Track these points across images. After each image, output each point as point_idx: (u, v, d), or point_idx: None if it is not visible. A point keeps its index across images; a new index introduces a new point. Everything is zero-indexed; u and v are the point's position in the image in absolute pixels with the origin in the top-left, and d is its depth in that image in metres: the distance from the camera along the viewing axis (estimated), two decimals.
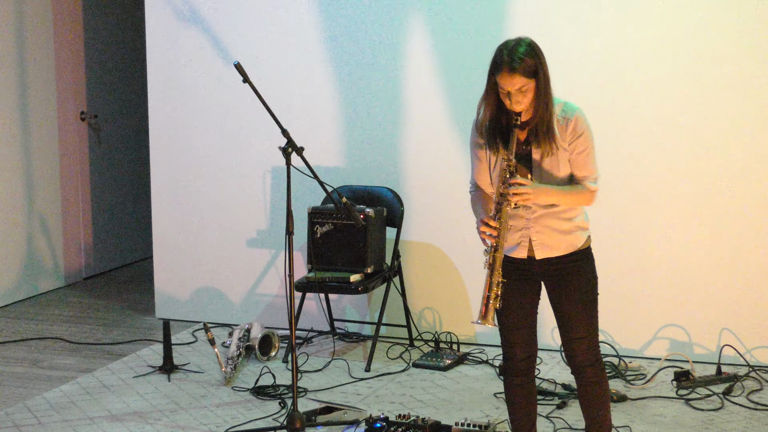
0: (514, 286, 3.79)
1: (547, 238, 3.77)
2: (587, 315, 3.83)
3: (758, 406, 4.97)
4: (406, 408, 5.00)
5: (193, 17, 6.29)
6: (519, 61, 3.57)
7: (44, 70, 7.20)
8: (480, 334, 5.91)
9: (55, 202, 7.39)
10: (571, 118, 3.71)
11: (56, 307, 6.97)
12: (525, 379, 3.94)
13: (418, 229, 6.02)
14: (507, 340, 3.91)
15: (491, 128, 3.72)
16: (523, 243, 3.79)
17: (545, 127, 3.67)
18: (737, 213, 5.50)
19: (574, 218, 3.80)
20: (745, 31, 5.39)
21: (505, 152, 3.68)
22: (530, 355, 3.92)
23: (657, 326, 5.68)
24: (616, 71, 5.59)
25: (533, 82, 3.60)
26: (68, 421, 4.88)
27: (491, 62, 3.65)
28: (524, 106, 3.63)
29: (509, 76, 3.58)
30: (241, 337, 5.61)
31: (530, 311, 3.89)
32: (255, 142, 6.25)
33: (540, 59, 3.62)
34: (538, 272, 3.83)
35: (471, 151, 3.86)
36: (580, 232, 3.81)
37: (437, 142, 5.93)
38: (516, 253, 3.80)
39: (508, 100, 3.63)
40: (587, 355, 3.85)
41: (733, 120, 5.46)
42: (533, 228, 3.77)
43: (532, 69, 3.59)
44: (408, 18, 5.90)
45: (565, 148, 3.71)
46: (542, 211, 3.76)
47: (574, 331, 3.83)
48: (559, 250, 3.79)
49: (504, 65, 3.59)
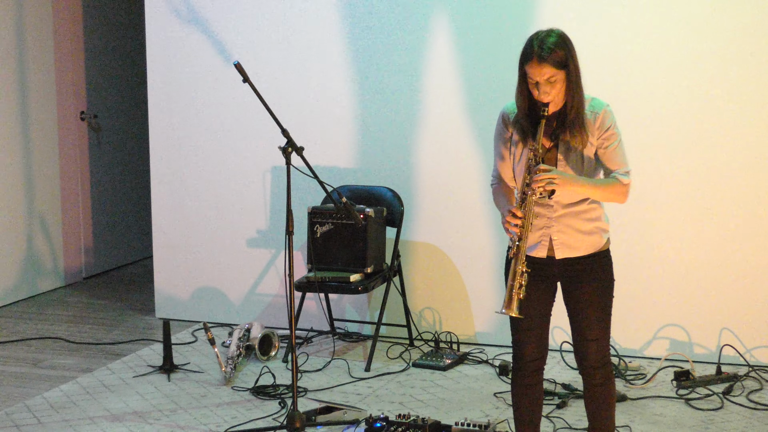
0: (531, 286, 3.73)
1: (568, 237, 3.75)
2: (602, 317, 3.80)
3: (758, 405, 4.97)
4: (406, 408, 5.00)
5: (193, 17, 6.29)
6: (548, 51, 3.56)
7: (44, 70, 7.20)
8: (480, 334, 5.91)
9: (55, 201, 7.39)
10: (599, 113, 3.70)
11: (56, 306, 6.97)
12: (534, 379, 3.92)
13: (418, 229, 6.02)
14: (519, 340, 3.88)
15: (523, 118, 3.71)
16: (543, 242, 3.76)
17: (576, 118, 3.65)
18: (737, 213, 5.50)
19: (595, 219, 3.77)
20: (748, 30, 5.39)
21: (532, 143, 3.67)
22: (541, 356, 3.90)
23: (657, 326, 5.68)
24: (619, 70, 5.59)
25: (562, 73, 3.59)
26: (68, 421, 4.88)
27: (522, 52, 3.63)
28: (552, 97, 3.61)
29: (538, 65, 3.57)
30: (241, 336, 5.61)
31: (545, 312, 3.86)
32: (255, 142, 6.25)
33: (570, 50, 3.61)
34: (557, 273, 3.80)
35: (495, 143, 3.83)
36: (601, 233, 3.79)
37: (437, 141, 5.93)
38: (536, 252, 3.77)
39: (536, 90, 3.61)
40: (598, 356, 3.83)
41: (734, 120, 5.46)
42: (554, 227, 3.74)
43: (561, 60, 3.58)
44: (417, 17, 5.90)
45: (593, 143, 3.69)
46: (564, 210, 3.73)
47: (588, 332, 3.80)
48: (580, 250, 3.76)
49: (533, 55, 3.58)
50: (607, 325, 3.83)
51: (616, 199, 3.76)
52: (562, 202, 3.73)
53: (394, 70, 5.97)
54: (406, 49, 5.93)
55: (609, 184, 3.72)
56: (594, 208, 3.77)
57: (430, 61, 5.90)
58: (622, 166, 3.75)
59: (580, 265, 3.77)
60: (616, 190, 3.73)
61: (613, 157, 3.73)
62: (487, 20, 5.75)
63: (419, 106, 5.95)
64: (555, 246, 3.75)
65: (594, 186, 3.70)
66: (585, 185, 3.68)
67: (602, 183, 3.73)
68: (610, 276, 3.84)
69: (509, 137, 3.77)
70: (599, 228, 3.79)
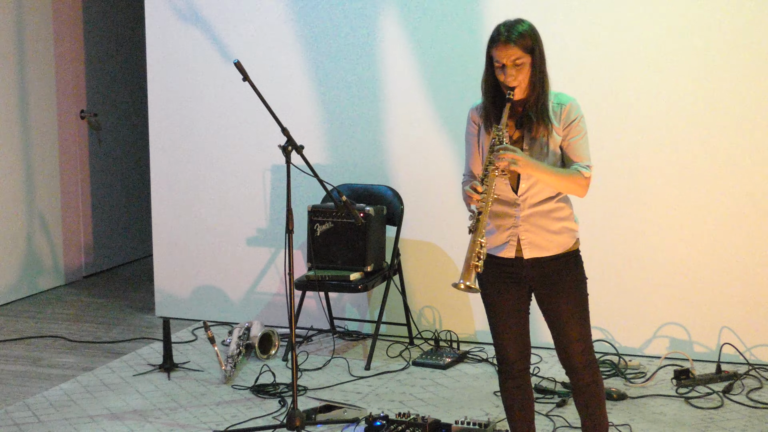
0: (503, 288, 3.76)
1: (536, 237, 3.74)
2: (580, 316, 3.79)
3: (758, 404, 4.97)
4: (405, 406, 5.00)
5: (193, 16, 6.29)
6: (517, 34, 3.59)
7: (44, 68, 7.20)
8: (480, 333, 5.91)
9: (55, 200, 7.39)
10: (565, 105, 3.71)
11: (56, 305, 6.97)
12: (520, 381, 3.92)
13: (418, 228, 6.02)
14: (499, 343, 3.88)
15: (489, 105, 3.71)
16: (511, 242, 3.75)
17: (540, 106, 3.66)
18: (737, 212, 5.50)
19: (564, 218, 3.77)
20: (749, 29, 5.39)
21: (496, 126, 3.65)
22: (523, 356, 3.89)
23: (657, 324, 5.68)
24: (613, 69, 5.59)
25: (529, 57, 3.61)
26: (68, 420, 4.88)
27: (489, 38, 3.66)
28: (518, 82, 3.62)
29: (504, 47, 3.59)
30: (241, 335, 5.61)
31: (521, 313, 3.86)
32: (255, 141, 6.25)
33: (537, 39, 3.64)
34: (527, 275, 3.79)
35: (466, 137, 3.85)
36: (569, 233, 3.78)
37: (438, 140, 5.93)
38: (504, 252, 3.77)
39: (502, 74, 3.63)
40: (582, 357, 3.82)
41: (734, 119, 5.46)
42: (522, 227, 3.74)
43: (528, 44, 3.60)
44: (417, 17, 5.90)
45: (559, 135, 3.70)
46: (531, 210, 3.73)
47: (568, 333, 3.79)
48: (549, 250, 3.75)
49: (501, 36, 3.60)
50: (586, 324, 3.81)
51: (575, 191, 3.71)
52: (529, 201, 3.72)
53: (395, 70, 5.97)
54: (406, 48, 5.93)
55: (569, 174, 3.68)
56: (562, 208, 3.76)
57: (432, 61, 5.90)
58: (584, 159, 3.72)
59: (549, 266, 3.76)
60: (576, 181, 3.68)
61: (576, 150, 3.71)
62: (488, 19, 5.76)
63: (420, 105, 5.95)
64: (523, 246, 3.74)
65: (554, 173, 3.66)
66: (545, 171, 3.64)
67: (563, 172, 3.68)
68: (582, 275, 3.83)
69: (477, 131, 3.78)
70: (567, 228, 3.77)
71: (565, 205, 3.78)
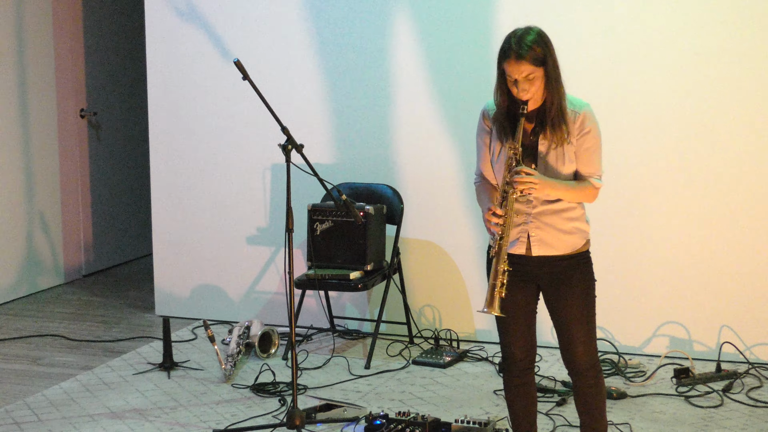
0: (512, 286, 3.74)
1: (546, 235, 3.75)
2: (586, 318, 3.80)
3: (758, 403, 4.97)
4: (405, 405, 5.00)
5: (193, 16, 6.29)
6: (527, 48, 3.56)
7: (44, 68, 7.20)
8: (480, 332, 5.91)
9: (55, 199, 7.39)
10: (580, 113, 3.70)
11: (56, 304, 6.97)
12: (524, 378, 3.93)
13: (418, 227, 6.02)
14: (505, 340, 3.89)
15: (502, 116, 3.71)
16: (521, 238, 3.76)
17: (556, 114, 3.64)
18: (737, 211, 5.50)
19: (575, 219, 3.77)
20: (749, 28, 5.39)
21: (511, 141, 3.66)
22: (529, 354, 3.90)
23: (657, 323, 5.68)
24: (615, 69, 5.59)
25: (541, 70, 3.60)
26: (68, 419, 4.88)
27: (500, 50, 3.64)
28: (531, 95, 3.61)
29: (516, 63, 3.57)
30: (241, 334, 5.61)
31: (528, 311, 3.86)
32: (255, 140, 6.25)
33: (549, 48, 3.62)
34: (536, 273, 3.79)
35: (477, 139, 3.84)
36: (580, 233, 3.79)
37: (437, 139, 5.93)
38: (515, 249, 3.76)
39: (515, 88, 3.61)
40: (587, 358, 3.82)
41: (733, 118, 5.46)
42: (533, 224, 3.74)
43: (539, 57, 3.58)
44: (418, 17, 5.90)
45: (571, 142, 3.69)
46: (543, 207, 3.73)
47: (573, 334, 3.80)
48: (558, 249, 3.76)
49: (511, 52, 3.58)
50: (592, 326, 3.82)
51: (586, 200, 3.78)
52: (540, 199, 3.72)
53: (397, 69, 5.97)
54: (411, 47, 5.93)
55: (583, 188, 3.74)
56: (574, 207, 3.77)
57: (433, 61, 5.90)
58: (596, 170, 3.76)
59: (558, 266, 3.77)
60: (588, 193, 3.75)
61: (589, 160, 3.73)
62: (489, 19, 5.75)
63: (422, 104, 5.94)
64: (532, 242, 3.75)
65: (569, 190, 3.71)
66: (561, 189, 3.69)
67: (577, 187, 3.73)
68: (591, 277, 3.83)
69: (489, 134, 3.77)
70: (579, 228, 3.78)
71: (577, 206, 3.79)
